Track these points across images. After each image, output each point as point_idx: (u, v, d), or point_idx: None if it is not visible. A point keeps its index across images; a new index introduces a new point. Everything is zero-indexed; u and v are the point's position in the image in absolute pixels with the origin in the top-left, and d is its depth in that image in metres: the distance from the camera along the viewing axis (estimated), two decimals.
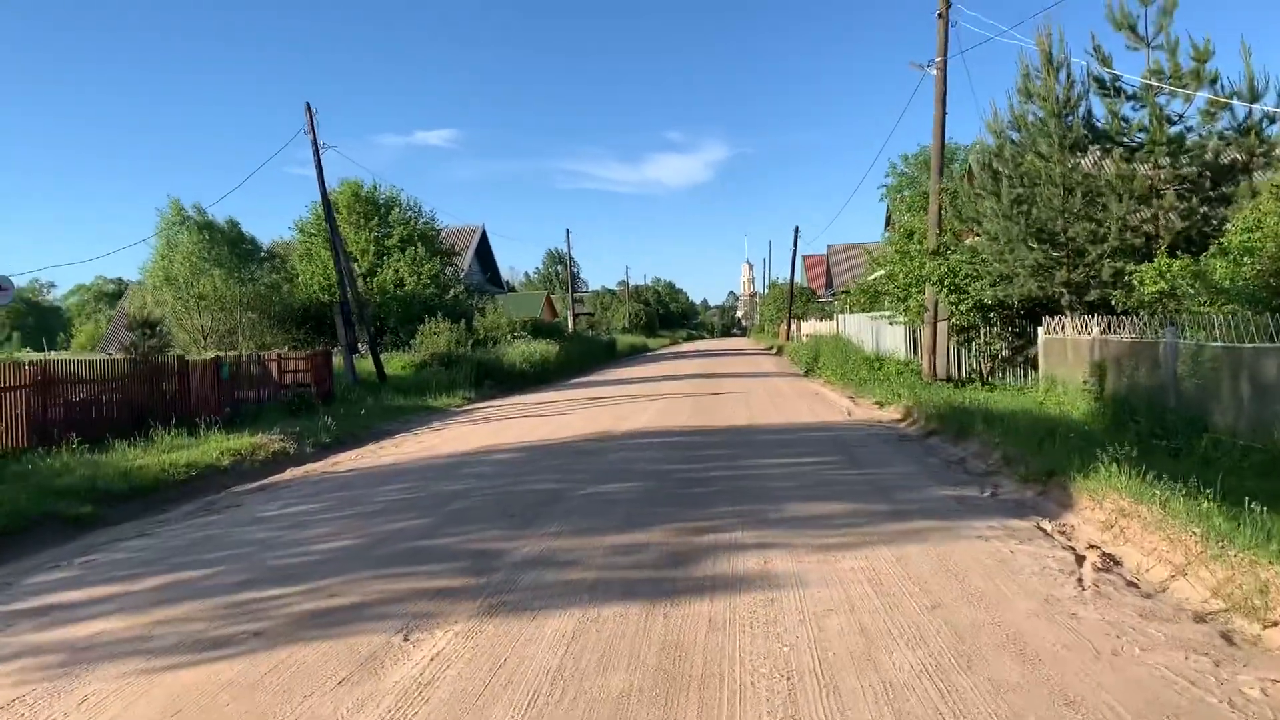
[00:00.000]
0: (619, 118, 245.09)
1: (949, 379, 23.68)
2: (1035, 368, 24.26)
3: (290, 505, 10.31)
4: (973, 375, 24.37)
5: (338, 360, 30.46)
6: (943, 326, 23.88)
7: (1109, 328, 17.50)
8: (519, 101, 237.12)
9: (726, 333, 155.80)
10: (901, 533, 7.63)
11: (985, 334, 23.78)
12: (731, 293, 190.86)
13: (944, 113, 23.68)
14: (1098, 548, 7.24)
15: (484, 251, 58.64)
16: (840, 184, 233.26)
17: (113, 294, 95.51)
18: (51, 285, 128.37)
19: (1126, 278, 18.08)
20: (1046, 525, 8.03)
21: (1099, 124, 19.55)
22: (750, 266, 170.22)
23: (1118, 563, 6.84)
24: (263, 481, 13.06)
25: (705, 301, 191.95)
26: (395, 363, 32.62)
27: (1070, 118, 19.31)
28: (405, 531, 8.31)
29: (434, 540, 7.84)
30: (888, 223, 55.93)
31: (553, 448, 13.89)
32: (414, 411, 22.64)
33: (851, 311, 49.48)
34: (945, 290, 22.83)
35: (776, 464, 11.43)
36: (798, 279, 70.57)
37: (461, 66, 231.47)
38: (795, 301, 67.10)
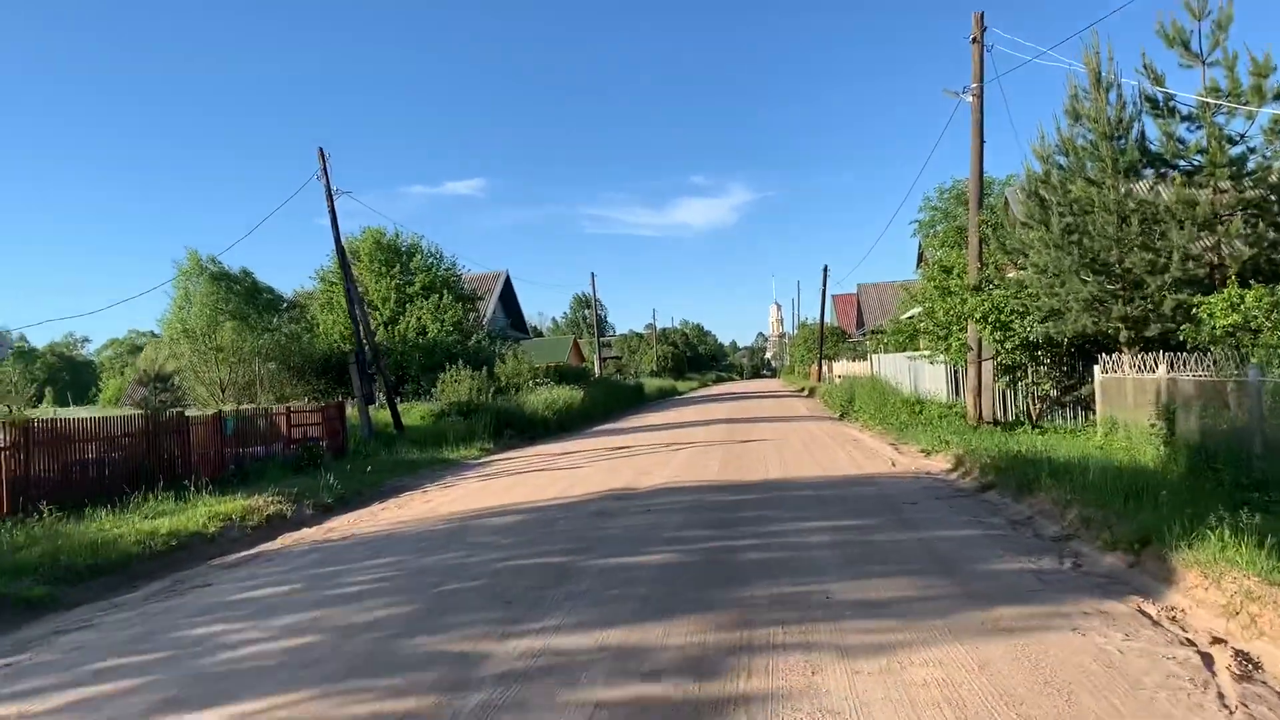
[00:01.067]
0: (643, 163, 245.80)
1: (995, 422, 22.18)
2: (1088, 409, 22.72)
3: (262, 586, 9.04)
4: (1021, 418, 22.87)
5: (354, 412, 29.45)
6: (987, 366, 22.42)
7: (1174, 365, 16.02)
8: (545, 150, 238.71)
9: (756, 374, 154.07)
10: (978, 624, 6.23)
11: (1033, 373, 22.30)
12: (760, 334, 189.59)
13: (982, 141, 22.41)
14: (1225, 642, 5.82)
15: (508, 297, 57.79)
16: (868, 223, 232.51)
17: (143, 348, 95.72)
18: (86, 340, 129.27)
19: (1193, 311, 16.65)
20: (1151, 609, 6.60)
21: (1153, 147, 18.21)
22: (778, 307, 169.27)
23: (1258, 666, 5.42)
24: (248, 552, 11.84)
25: (734, 343, 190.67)
26: (415, 413, 31.51)
27: (1122, 140, 17.97)
28: (380, 623, 7.02)
29: (410, 639, 6.53)
30: (920, 259, 54.51)
31: (567, 508, 12.58)
32: (427, 465, 21.43)
33: (885, 351, 48.01)
34: (989, 328, 21.40)
35: (817, 528, 10.03)
36: (828, 319, 69.17)
37: (488, 117, 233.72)
38: (826, 342, 65.63)
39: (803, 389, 61.45)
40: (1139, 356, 17.53)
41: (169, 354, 38.22)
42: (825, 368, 61.86)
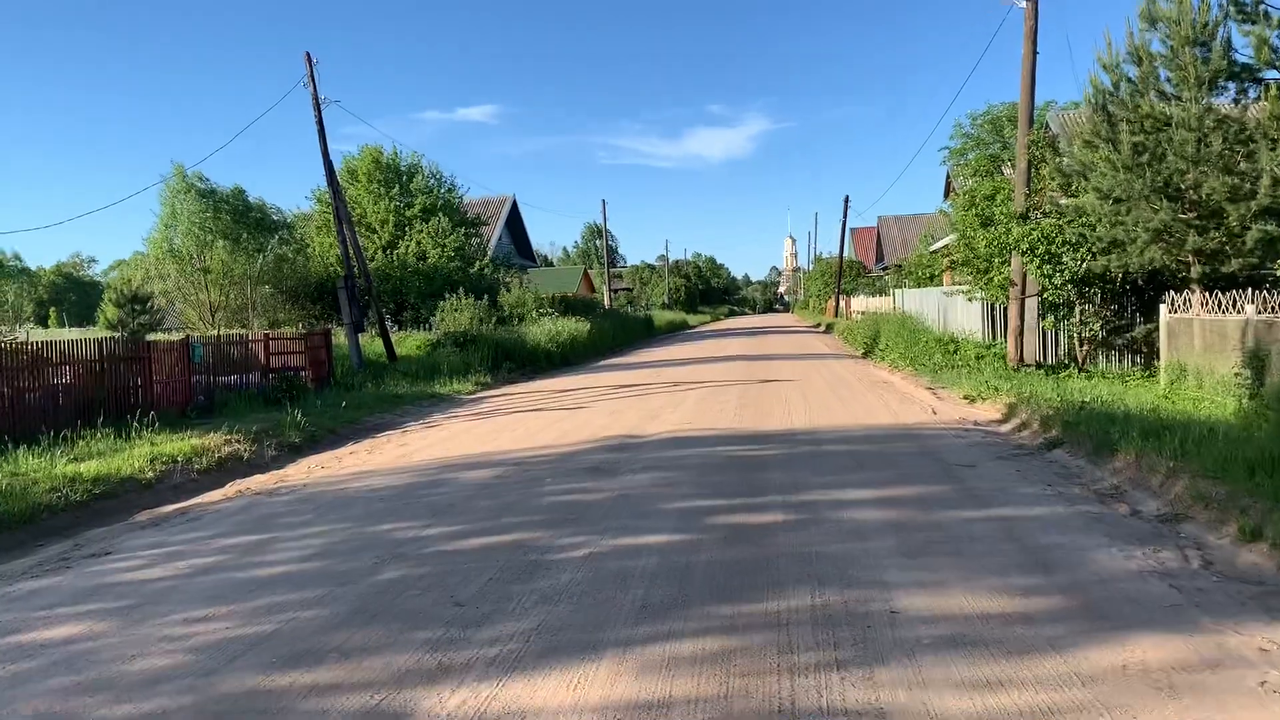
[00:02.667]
0: (660, 92, 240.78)
1: (1037, 364, 20.21)
2: (1138, 353, 20.69)
3: (163, 561, 7.19)
4: (1065, 361, 20.87)
5: (345, 340, 27.62)
6: (1031, 303, 20.37)
7: (1265, 306, 13.96)
8: (560, 77, 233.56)
9: (769, 309, 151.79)
10: (1116, 669, 4.33)
11: (1080, 313, 20.23)
12: (774, 268, 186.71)
13: (1035, 51, 20.03)
14: None
15: (515, 223, 55.49)
16: (890, 157, 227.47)
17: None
18: (93, 260, 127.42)
19: None
20: None
21: (1238, 56, 15.89)
22: (793, 241, 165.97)
23: None
24: (181, 504, 10.03)
25: (747, 277, 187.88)
26: (411, 342, 29.66)
27: (1206, 48, 15.64)
28: (279, 636, 5.16)
29: (310, 671, 4.66)
30: (947, 190, 51.87)
31: (558, 461, 10.70)
32: (415, 400, 19.60)
33: (907, 286, 45.73)
34: (1037, 260, 19.28)
35: (861, 499, 8.12)
36: (846, 252, 66.68)
37: (503, 42, 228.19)
38: (844, 276, 63.27)
39: (819, 325, 59.34)
40: (1213, 296, 15.46)
41: (156, 274, 36.29)
42: (843, 303, 59.62)
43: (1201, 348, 15.54)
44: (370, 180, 40.01)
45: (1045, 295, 19.89)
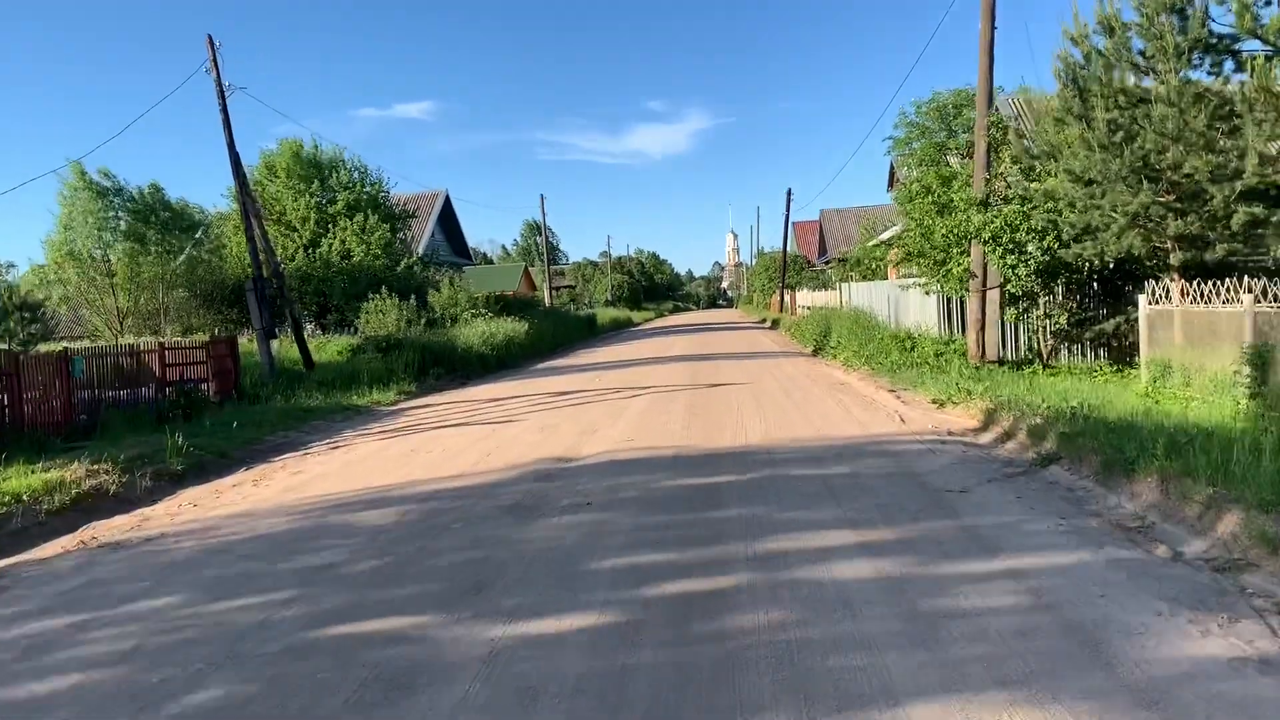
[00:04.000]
0: (599, 88, 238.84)
1: (1000, 361, 18.93)
2: (1105, 346, 19.54)
3: None
4: (1029, 356, 19.64)
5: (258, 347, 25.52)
6: (993, 296, 19.05)
7: (1265, 294, 12.70)
8: (497, 73, 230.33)
9: (713, 304, 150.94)
10: None
11: (1045, 305, 19.00)
12: (717, 263, 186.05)
13: (993, 26, 18.75)
14: None
15: (448, 219, 53.32)
16: (830, 150, 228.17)
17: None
18: (11, 266, 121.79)
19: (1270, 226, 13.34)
20: None
21: (1216, 26, 14.65)
22: (735, 236, 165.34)
23: None
24: (7, 561, 8.11)
25: (690, 273, 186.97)
26: (332, 347, 27.58)
27: (1183, 16, 14.38)
28: None
29: None
30: (891, 181, 50.89)
31: (473, 495, 8.95)
32: (326, 415, 17.66)
33: (850, 280, 44.59)
34: (1000, 250, 17.98)
35: (839, 544, 6.52)
36: (789, 247, 65.55)
37: (441, 38, 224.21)
38: (788, 270, 62.12)
39: (764, 320, 58.14)
40: (1193, 285, 14.23)
41: (56, 278, 33.64)
42: (788, 298, 58.46)
43: (1184, 341, 14.28)
44: (290, 176, 37.72)
45: (1008, 287, 18.62)
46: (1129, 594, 5.35)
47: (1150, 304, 14.89)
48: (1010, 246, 17.89)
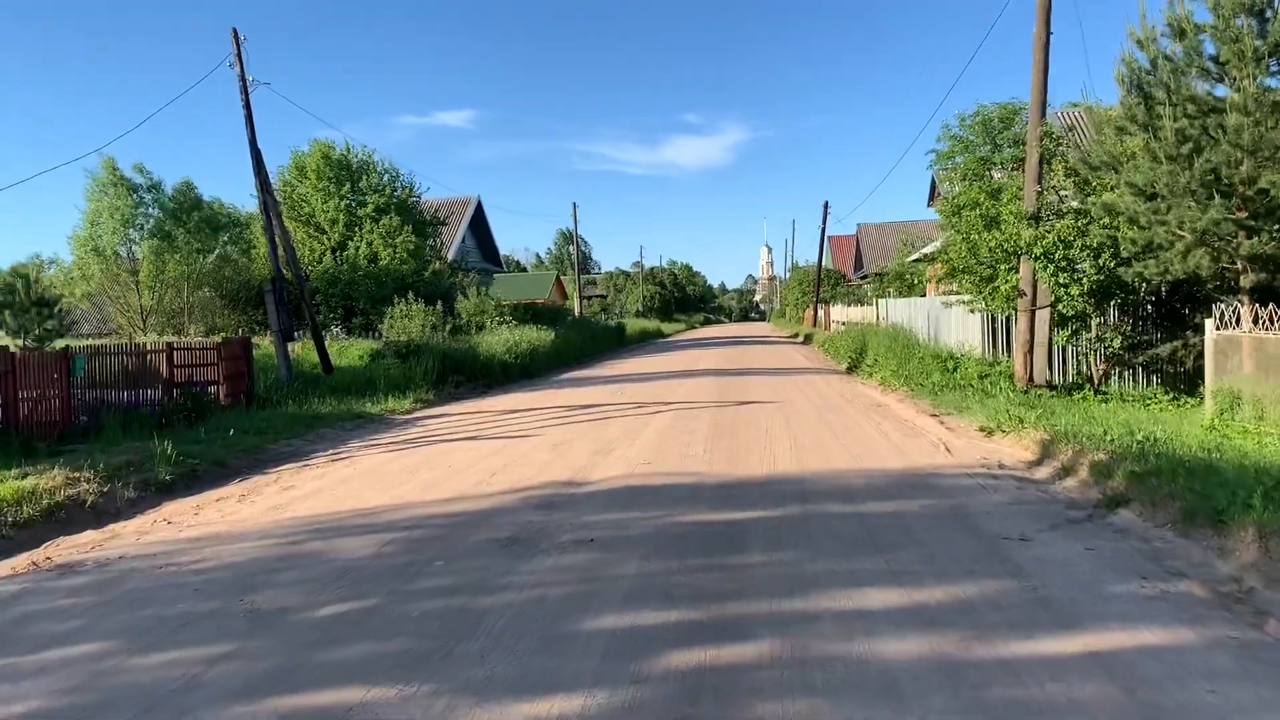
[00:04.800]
0: (636, 100, 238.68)
1: (1050, 385, 17.78)
2: (1159, 372, 18.36)
3: None
4: (1080, 380, 18.49)
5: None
6: (1043, 316, 17.92)
7: None
8: (537, 83, 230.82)
9: (745, 317, 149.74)
10: None
11: (1098, 327, 17.85)
12: (750, 276, 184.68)
13: (1048, 31, 17.66)
14: None
15: (480, 225, 52.73)
16: (868, 164, 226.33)
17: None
18: (53, 261, 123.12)
19: None
20: None
21: None
22: (769, 250, 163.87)
23: None
24: None
25: (723, 285, 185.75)
26: (354, 351, 26.86)
27: (1263, 18, 13.25)
28: None
29: None
30: (932, 195, 49.59)
31: (465, 523, 8.02)
32: (338, 421, 16.89)
33: (888, 296, 43.34)
34: (1051, 267, 16.87)
35: (882, 606, 5.52)
36: (824, 261, 64.32)
37: (479, 48, 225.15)
38: (823, 285, 60.90)
39: (797, 335, 56.97)
40: (1269, 309, 13.05)
41: (80, 275, 33.31)
42: (822, 313, 57.24)
43: (1256, 370, 13.11)
44: (320, 177, 37.17)
45: (1059, 307, 17.48)
46: (1242, 687, 4.32)
47: (1218, 329, 13.72)
48: (1063, 264, 16.80)
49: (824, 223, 60.25)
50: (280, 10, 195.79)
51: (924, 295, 41.87)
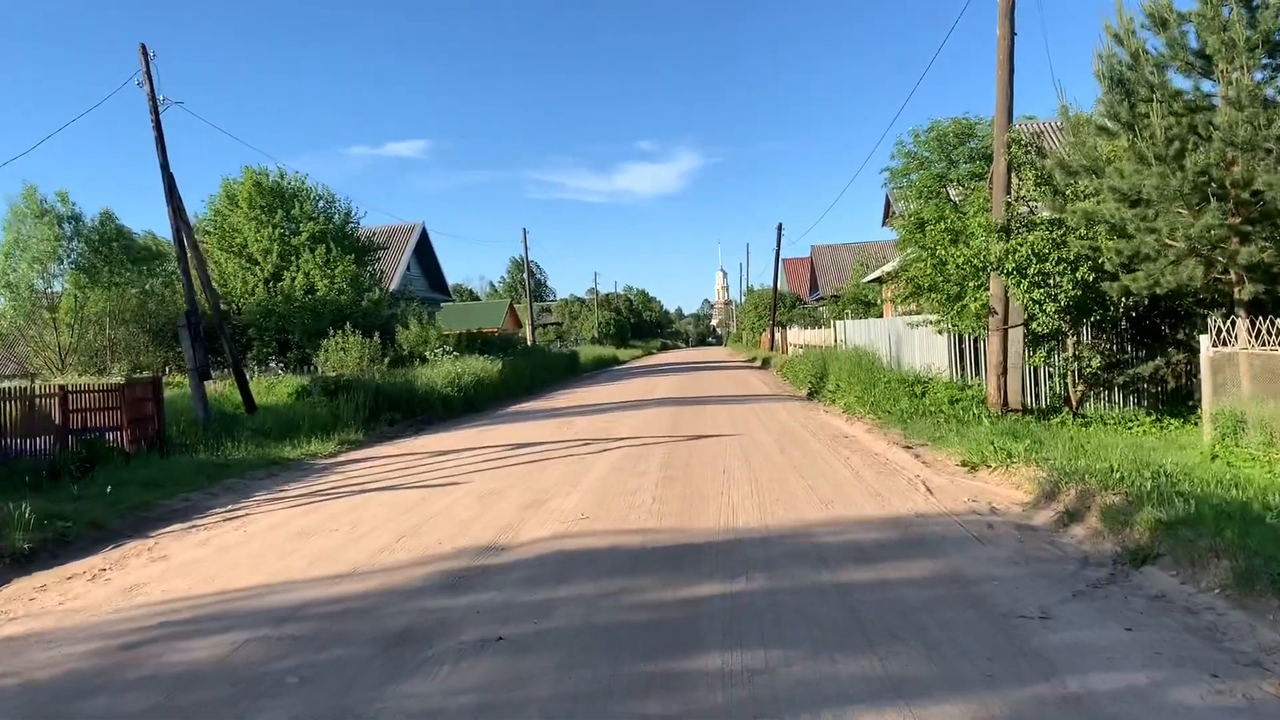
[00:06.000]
0: (590, 127, 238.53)
1: (1024, 410, 16.53)
2: (1141, 393, 17.23)
3: None
4: (1055, 403, 17.28)
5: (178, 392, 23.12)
6: (1015, 335, 16.69)
7: None
8: (490, 113, 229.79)
9: (702, 341, 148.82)
10: None
11: (1073, 346, 16.66)
12: (706, 300, 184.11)
13: (1012, 32, 16.53)
14: None
15: (425, 253, 50.99)
16: (820, 189, 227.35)
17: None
18: None
19: None
20: None
21: None
22: (724, 274, 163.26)
23: None
24: None
25: (679, 310, 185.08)
26: (283, 388, 24.97)
27: (1255, 6, 12.16)
28: None
29: None
30: (886, 214, 48.74)
31: (343, 616, 6.39)
32: (249, 470, 15.15)
33: (845, 317, 42.27)
34: (1025, 283, 15.67)
35: None
36: (779, 284, 63.31)
37: (431, 78, 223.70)
38: (779, 308, 59.86)
39: (754, 359, 55.77)
40: (1267, 321, 11.87)
41: None
42: (779, 336, 56.13)
43: (1255, 391, 11.91)
44: (252, 206, 35.34)
45: (1033, 325, 16.26)
46: None
47: (1215, 346, 12.51)
48: (1037, 279, 15.59)
49: (778, 244, 59.38)
50: (232, 41, 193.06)
51: (881, 316, 40.88)
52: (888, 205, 48.27)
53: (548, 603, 6.15)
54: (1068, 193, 15.46)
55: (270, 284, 34.23)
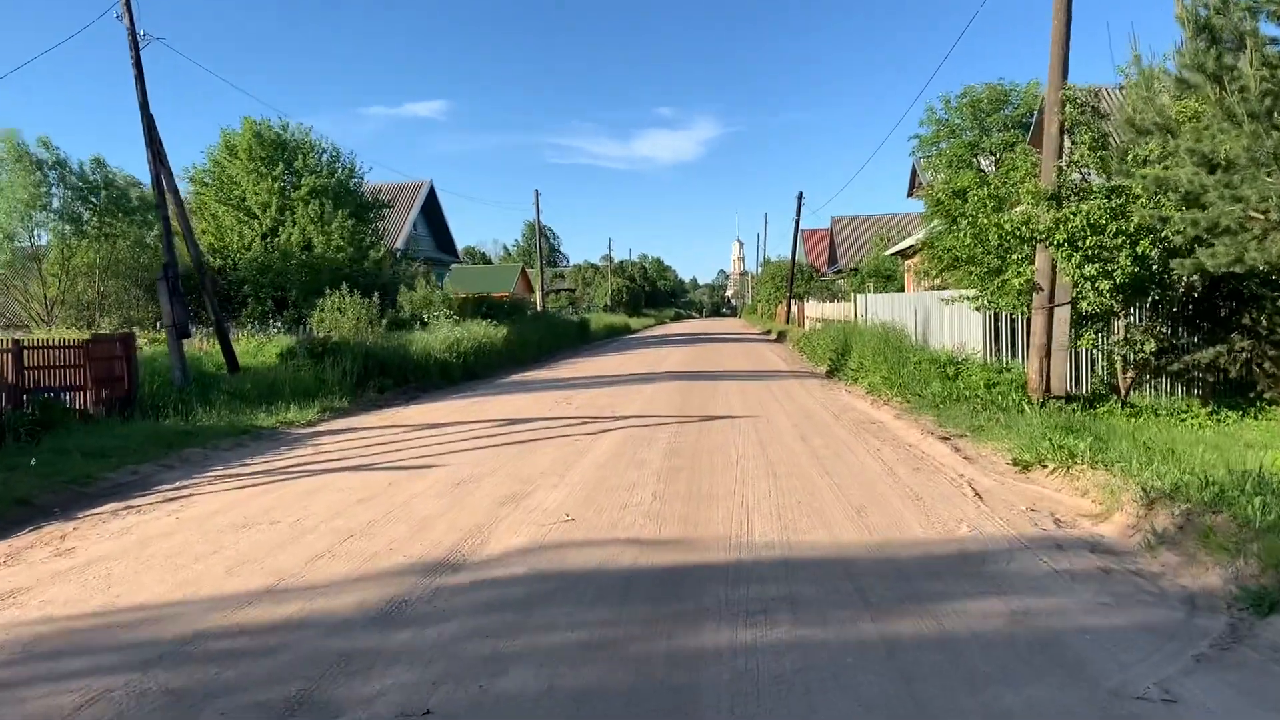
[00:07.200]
0: (611, 94, 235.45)
1: (1068, 397, 14.98)
2: (1195, 381, 15.66)
3: None
4: (1102, 390, 15.73)
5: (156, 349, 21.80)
6: (1062, 314, 15.10)
7: None
8: (510, 75, 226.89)
9: (716, 312, 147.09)
10: None
11: (1125, 328, 15.09)
12: (721, 271, 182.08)
13: None
14: None
15: (433, 213, 49.38)
16: (839, 159, 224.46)
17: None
18: None
19: None
20: None
21: None
22: (740, 245, 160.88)
23: None
24: None
25: (695, 280, 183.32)
26: (272, 348, 23.57)
27: None
28: None
29: None
30: (912, 185, 46.92)
31: (230, 660, 4.92)
32: (214, 438, 13.77)
33: (865, 291, 40.60)
34: (1078, 258, 14.08)
35: None
36: (797, 256, 61.54)
37: (451, 38, 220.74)
38: (796, 280, 58.11)
39: (769, 332, 54.15)
40: None
41: None
42: (795, 309, 54.46)
43: None
44: (251, 157, 33.79)
45: (1081, 304, 14.67)
46: None
47: None
48: (1091, 253, 13.98)
49: (798, 213, 57.52)
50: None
51: (902, 290, 39.18)
52: (913, 175, 46.45)
53: (502, 655, 4.66)
54: (1130, 157, 13.80)
55: (268, 239, 32.83)
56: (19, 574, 6.90)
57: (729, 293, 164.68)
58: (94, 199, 31.88)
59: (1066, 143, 15.54)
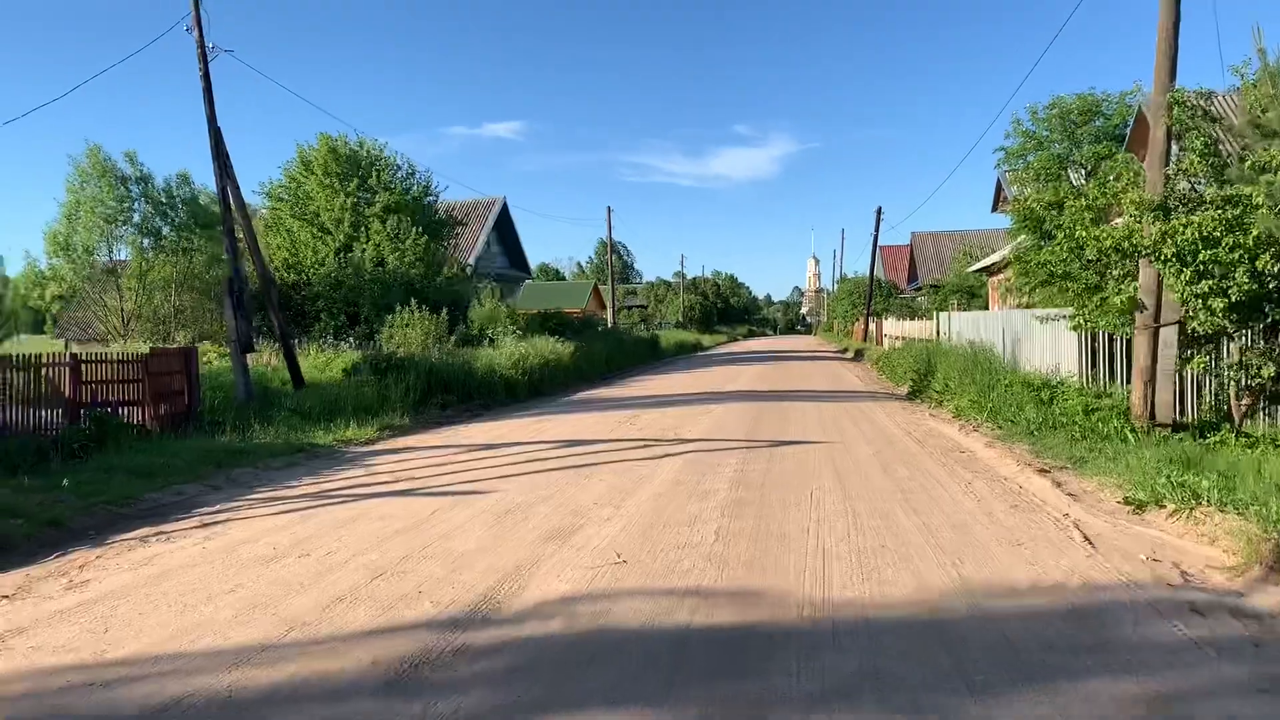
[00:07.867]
0: (687, 112, 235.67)
1: (1174, 426, 13.68)
2: None
3: None
4: (1213, 418, 14.36)
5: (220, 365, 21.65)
6: (1168, 335, 13.83)
7: None
8: (586, 95, 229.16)
9: (790, 329, 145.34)
10: None
11: (1239, 350, 13.73)
12: (796, 288, 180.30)
13: None
14: None
15: (506, 229, 49.24)
16: (918, 175, 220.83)
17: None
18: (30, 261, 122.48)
19: None
20: None
21: None
22: (816, 261, 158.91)
23: None
24: None
25: (769, 296, 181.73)
26: (339, 363, 23.35)
27: None
28: None
29: None
30: (997, 200, 45.22)
31: None
32: (267, 457, 13.37)
33: (948, 308, 39.16)
34: (1188, 273, 12.81)
35: None
36: (875, 272, 59.96)
37: (532, 59, 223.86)
38: (874, 296, 56.57)
39: (846, 350, 52.75)
40: None
41: (50, 274, 30.34)
42: (873, 326, 52.98)
43: None
44: (326, 173, 33.89)
45: (1191, 324, 13.37)
46: None
47: None
48: (1204, 268, 12.71)
49: (876, 228, 55.96)
50: (337, 21, 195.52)
51: (986, 308, 37.65)
52: (999, 190, 44.75)
53: None
54: (1249, 164, 12.54)
55: (341, 254, 32.84)
56: (22, 611, 6.34)
57: (804, 310, 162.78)
58: (173, 213, 32.31)
59: (1174, 149, 14.32)
